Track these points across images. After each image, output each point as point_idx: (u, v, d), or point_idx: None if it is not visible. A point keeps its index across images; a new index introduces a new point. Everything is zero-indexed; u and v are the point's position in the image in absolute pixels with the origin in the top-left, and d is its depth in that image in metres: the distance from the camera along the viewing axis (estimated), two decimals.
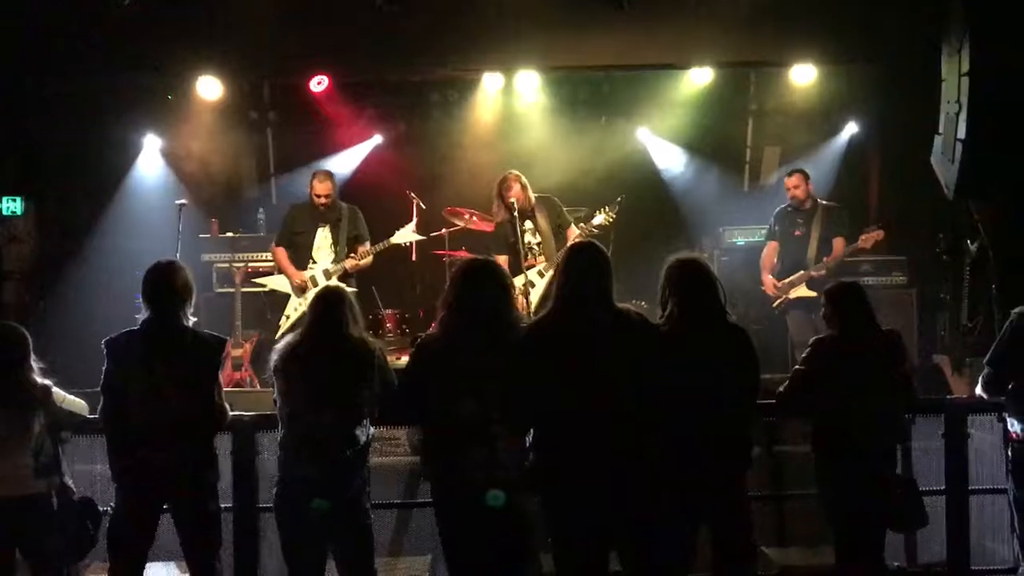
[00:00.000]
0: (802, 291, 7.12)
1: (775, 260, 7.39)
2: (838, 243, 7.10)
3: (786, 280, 7.21)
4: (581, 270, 3.70)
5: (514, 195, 6.76)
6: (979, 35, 5.06)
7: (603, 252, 3.77)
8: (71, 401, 4.20)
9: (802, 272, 7.15)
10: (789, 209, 7.36)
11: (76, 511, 4.12)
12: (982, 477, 4.79)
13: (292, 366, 3.92)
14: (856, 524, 4.12)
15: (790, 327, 7.25)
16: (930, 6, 6.01)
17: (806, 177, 7.32)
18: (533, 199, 6.90)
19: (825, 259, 7.08)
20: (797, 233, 7.26)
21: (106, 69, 7.25)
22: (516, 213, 6.72)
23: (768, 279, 7.34)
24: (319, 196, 7.00)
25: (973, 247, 6.90)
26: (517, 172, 6.88)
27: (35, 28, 6.91)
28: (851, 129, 8.75)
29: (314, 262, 7.04)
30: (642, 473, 3.57)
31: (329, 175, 7.13)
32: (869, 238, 7.07)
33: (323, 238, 7.05)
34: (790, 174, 7.41)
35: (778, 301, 7.24)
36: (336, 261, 7.00)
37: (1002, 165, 5.19)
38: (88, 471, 4.55)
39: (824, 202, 7.33)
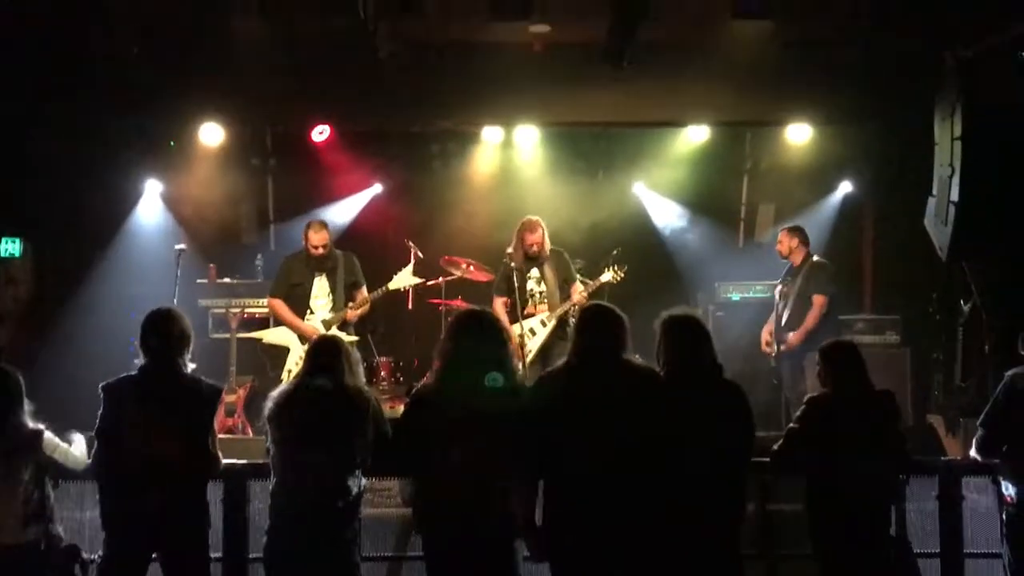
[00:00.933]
0: (773, 347, 7.17)
1: None
2: (815, 301, 7.06)
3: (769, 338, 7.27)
4: (596, 331, 3.80)
5: (534, 240, 6.83)
6: (971, 100, 5.16)
7: (620, 317, 3.85)
8: (63, 451, 4.10)
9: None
10: (789, 267, 7.40)
11: (64, 559, 4.06)
12: (977, 540, 4.75)
13: (286, 414, 3.91)
14: None
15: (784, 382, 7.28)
16: (924, 69, 6.12)
17: (792, 234, 7.32)
18: (548, 249, 6.95)
19: (789, 337, 7.05)
20: (785, 290, 7.29)
21: (109, 113, 7.32)
22: (521, 262, 6.79)
23: (763, 336, 7.38)
24: (315, 247, 6.93)
25: (966, 307, 6.94)
26: (539, 218, 6.94)
27: (39, 72, 6.96)
28: (845, 188, 8.80)
29: (311, 312, 6.99)
30: (646, 523, 3.64)
31: (324, 225, 7.07)
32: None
33: (320, 287, 7.00)
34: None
35: (773, 357, 7.25)
36: (334, 309, 6.96)
37: (994, 227, 5.25)
38: (76, 518, 4.49)
39: (815, 259, 7.33)
